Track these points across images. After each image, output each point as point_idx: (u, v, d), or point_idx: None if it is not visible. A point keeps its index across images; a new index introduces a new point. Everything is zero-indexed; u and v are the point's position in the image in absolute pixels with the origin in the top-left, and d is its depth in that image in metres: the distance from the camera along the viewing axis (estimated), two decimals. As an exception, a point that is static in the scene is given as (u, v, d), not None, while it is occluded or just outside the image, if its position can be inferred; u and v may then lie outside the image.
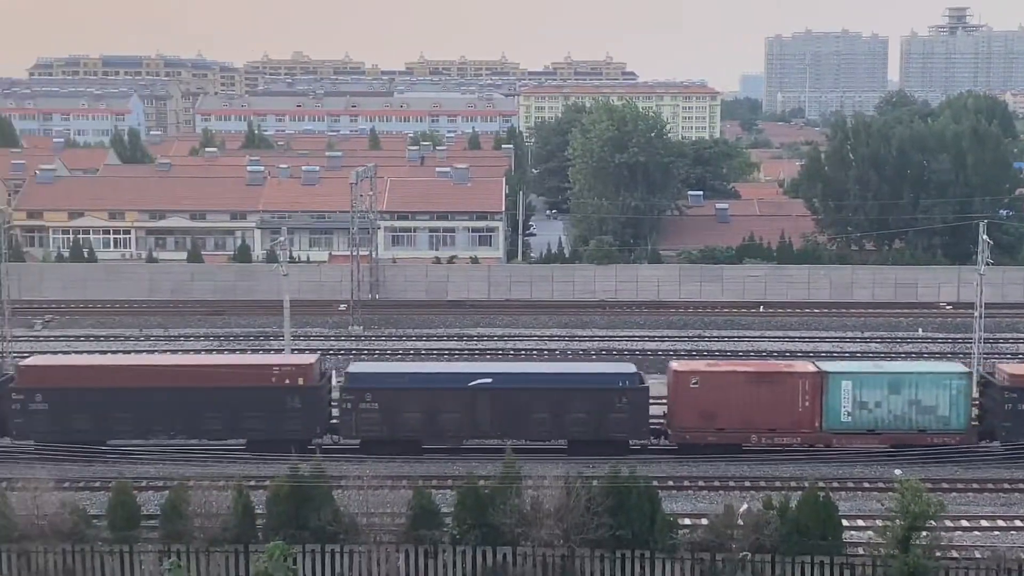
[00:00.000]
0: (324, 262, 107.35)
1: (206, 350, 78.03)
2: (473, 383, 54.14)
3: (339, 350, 78.86)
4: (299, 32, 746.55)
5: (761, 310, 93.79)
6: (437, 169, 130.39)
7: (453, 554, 41.89)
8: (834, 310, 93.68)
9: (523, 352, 78.40)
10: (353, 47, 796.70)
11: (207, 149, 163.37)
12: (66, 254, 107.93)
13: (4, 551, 41.10)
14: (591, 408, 53.80)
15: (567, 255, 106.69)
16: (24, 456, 52.79)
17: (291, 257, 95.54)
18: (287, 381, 54.12)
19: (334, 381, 59.60)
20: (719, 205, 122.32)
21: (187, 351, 77.61)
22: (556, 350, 79.07)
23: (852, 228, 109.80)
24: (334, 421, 55.42)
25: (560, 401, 53.99)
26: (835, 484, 49.52)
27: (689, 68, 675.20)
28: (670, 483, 49.85)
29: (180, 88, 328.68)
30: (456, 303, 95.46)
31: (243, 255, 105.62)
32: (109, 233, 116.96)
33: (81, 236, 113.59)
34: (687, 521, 44.31)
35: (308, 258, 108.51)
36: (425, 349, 78.74)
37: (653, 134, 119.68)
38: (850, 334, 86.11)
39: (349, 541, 41.77)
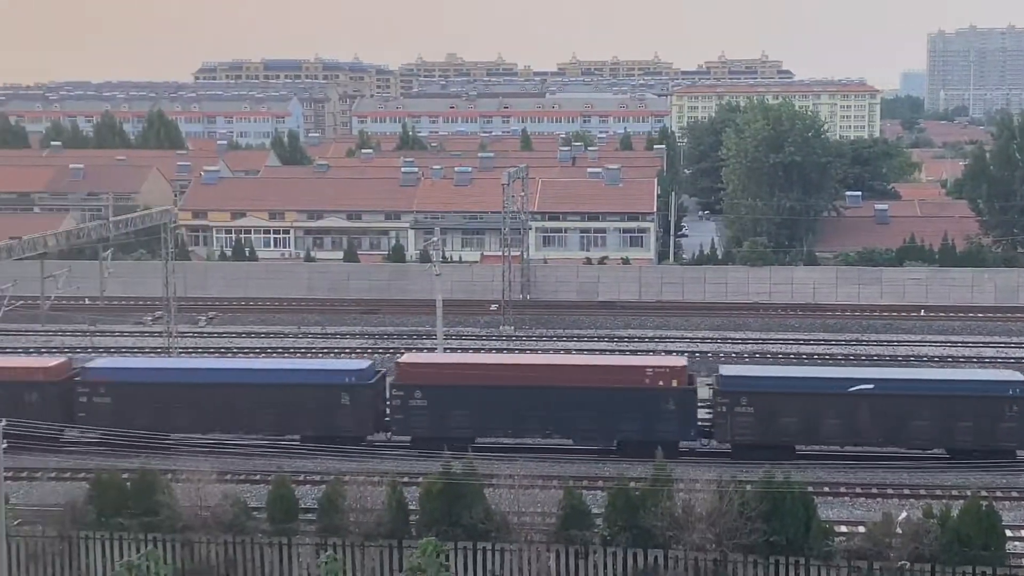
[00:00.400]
0: (476, 262, 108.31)
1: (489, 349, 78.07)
2: (854, 388, 53.30)
3: (490, 350, 79.36)
4: (453, 34, 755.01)
5: (922, 314, 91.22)
6: (588, 170, 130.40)
7: (604, 555, 41.78)
8: (999, 314, 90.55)
9: (673, 354, 77.63)
10: (506, 48, 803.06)
11: (363, 150, 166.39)
12: (228, 253, 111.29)
13: (169, 541, 42.47)
14: (978, 416, 52.38)
15: (720, 256, 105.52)
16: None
17: (444, 257, 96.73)
18: (661, 383, 53.65)
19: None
20: (878, 206, 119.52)
21: (344, 349, 79.02)
22: (708, 352, 78.21)
23: (1018, 230, 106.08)
24: (702, 424, 54.70)
25: (945, 408, 52.62)
26: (998, 493, 47.92)
27: (847, 66, 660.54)
28: (826, 489, 48.87)
29: (337, 91, 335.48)
30: (606, 304, 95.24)
31: (397, 255, 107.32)
32: (269, 233, 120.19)
33: (243, 235, 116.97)
34: (843, 528, 43.38)
35: (460, 258, 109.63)
36: (576, 349, 78.68)
37: (810, 134, 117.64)
38: (1015, 339, 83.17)
39: (500, 539, 42.00)
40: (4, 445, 38.75)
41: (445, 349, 74.87)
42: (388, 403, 55.38)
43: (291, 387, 55.10)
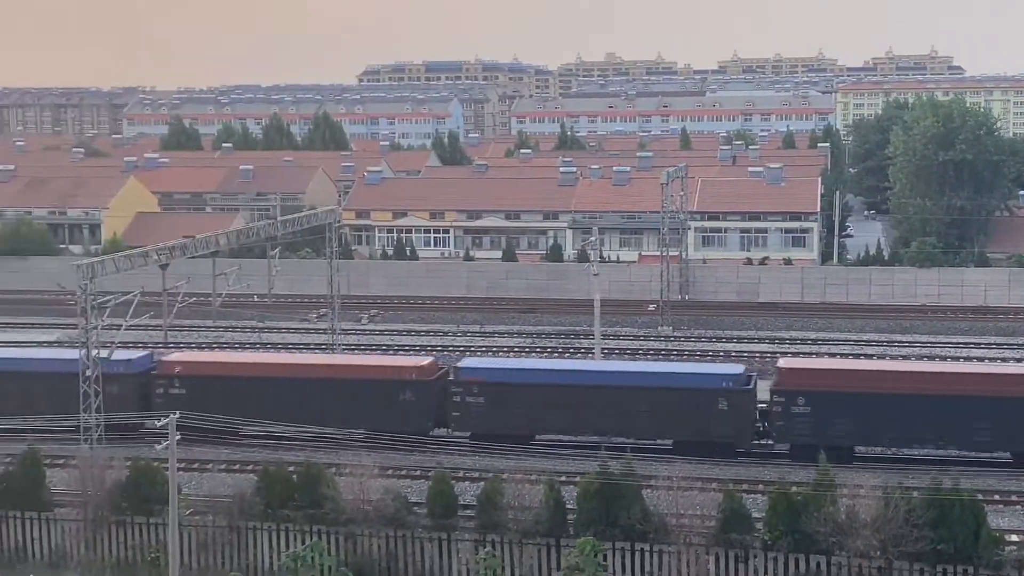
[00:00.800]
0: (634, 262, 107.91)
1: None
2: None
3: (648, 350, 78.99)
4: (612, 33, 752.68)
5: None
6: (749, 169, 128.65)
7: (764, 559, 41.22)
8: None
9: (836, 357, 75.94)
10: (665, 47, 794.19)
11: (521, 150, 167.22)
12: (390, 252, 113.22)
13: (333, 533, 43.43)
14: None
15: (886, 257, 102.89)
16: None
17: (601, 257, 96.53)
18: None
19: None
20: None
21: (502, 348, 79.60)
22: (872, 355, 76.33)
23: None
24: None
25: None
26: None
27: (1022, 62, 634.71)
28: (996, 497, 47.22)
29: (497, 91, 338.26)
30: (768, 305, 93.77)
31: (555, 254, 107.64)
32: (429, 232, 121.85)
33: (404, 235, 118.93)
34: (1015, 538, 41.90)
35: (618, 258, 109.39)
36: (735, 351, 77.72)
37: (982, 131, 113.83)
38: None
39: (658, 541, 41.79)
40: (177, 437, 40.16)
41: (603, 350, 74.78)
42: (766, 409, 53.89)
43: (668, 391, 53.79)
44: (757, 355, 76.21)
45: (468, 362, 59.64)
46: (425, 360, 58.75)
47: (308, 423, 54.44)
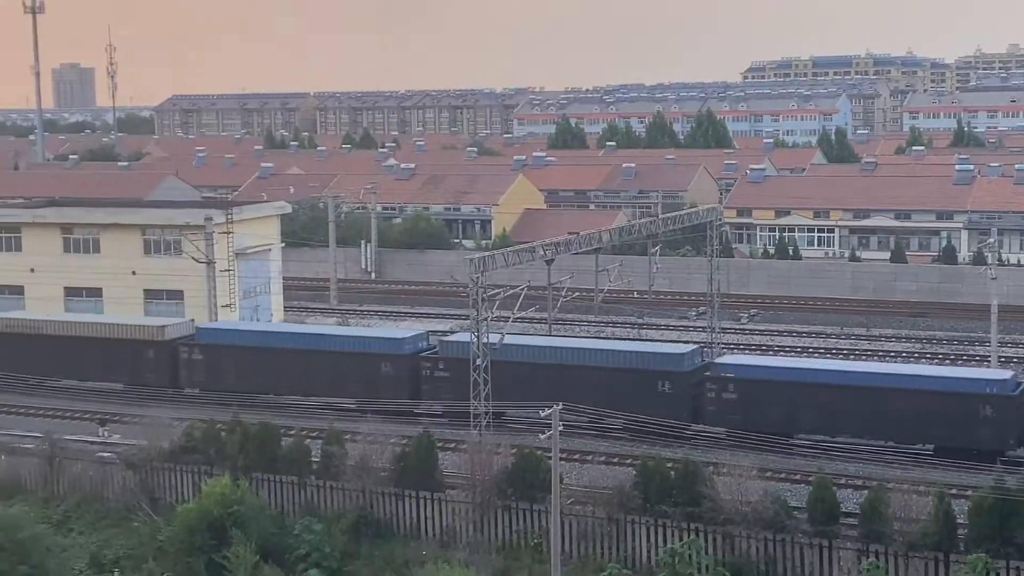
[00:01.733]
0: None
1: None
2: None
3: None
4: (1015, 23, 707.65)
5: None
6: None
7: None
8: None
9: None
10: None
11: (914, 148, 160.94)
12: (771, 251, 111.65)
13: (710, 532, 43.31)
14: None
15: None
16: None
17: (1000, 259, 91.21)
18: None
19: None
20: None
21: (889, 353, 76.73)
22: None
23: None
24: None
25: None
26: None
27: None
28: None
29: (888, 86, 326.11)
30: None
31: (948, 256, 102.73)
32: (813, 231, 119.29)
33: (786, 234, 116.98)
34: None
35: (1019, 261, 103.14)
36: None
37: None
38: None
39: (1059, 564, 39.00)
40: (560, 428, 41.26)
41: (1000, 358, 70.46)
42: None
43: None
44: None
45: None
46: None
47: None
